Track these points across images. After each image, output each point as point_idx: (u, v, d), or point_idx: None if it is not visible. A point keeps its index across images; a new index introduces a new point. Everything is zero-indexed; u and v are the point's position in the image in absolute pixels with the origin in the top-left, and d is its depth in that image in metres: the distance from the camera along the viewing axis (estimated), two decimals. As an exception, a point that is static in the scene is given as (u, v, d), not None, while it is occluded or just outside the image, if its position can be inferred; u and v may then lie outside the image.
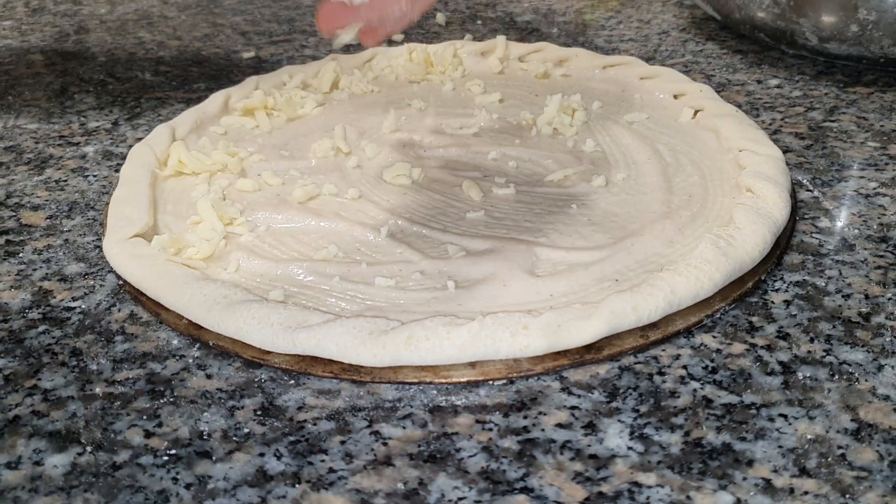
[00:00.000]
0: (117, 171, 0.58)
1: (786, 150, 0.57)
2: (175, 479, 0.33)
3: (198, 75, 0.75)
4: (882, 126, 0.60)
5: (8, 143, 0.63)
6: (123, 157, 0.59)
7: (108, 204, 0.53)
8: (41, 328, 0.43)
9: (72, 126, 0.66)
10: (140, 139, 0.61)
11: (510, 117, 0.62)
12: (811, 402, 0.36)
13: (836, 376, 0.38)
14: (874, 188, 0.52)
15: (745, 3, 0.70)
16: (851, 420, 0.35)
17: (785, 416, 0.35)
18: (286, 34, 0.85)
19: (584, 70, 0.70)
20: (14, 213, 0.54)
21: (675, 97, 0.64)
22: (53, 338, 0.42)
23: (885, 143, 0.58)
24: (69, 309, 0.44)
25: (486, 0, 0.95)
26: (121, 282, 0.46)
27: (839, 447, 0.34)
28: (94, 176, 0.58)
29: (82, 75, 0.76)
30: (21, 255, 0.49)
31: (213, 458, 0.34)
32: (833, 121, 0.62)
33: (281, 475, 0.33)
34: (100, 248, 0.49)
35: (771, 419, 0.35)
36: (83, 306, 0.45)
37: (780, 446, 0.34)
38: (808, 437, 0.34)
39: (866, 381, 0.37)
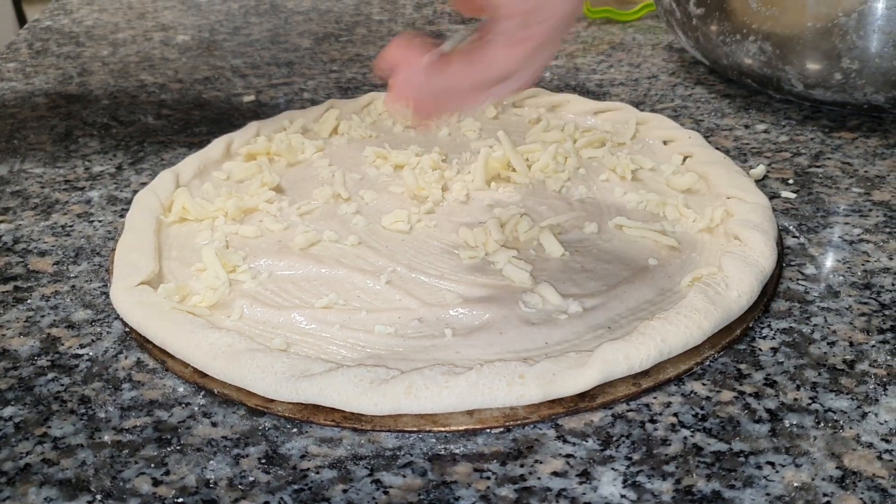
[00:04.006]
0: (122, 216, 0.59)
1: (773, 196, 0.59)
2: (183, 528, 0.35)
3: (199, 119, 0.77)
4: (866, 172, 0.62)
5: (14, 188, 0.65)
6: (128, 202, 0.61)
7: (113, 250, 0.54)
8: (50, 375, 0.44)
9: (77, 170, 0.67)
10: (144, 184, 0.63)
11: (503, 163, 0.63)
12: (797, 449, 0.37)
13: (822, 424, 0.39)
14: (858, 234, 0.54)
15: (733, 50, 0.73)
16: (836, 468, 0.36)
17: (772, 464, 0.37)
18: (286, 77, 0.87)
19: (577, 116, 0.72)
20: (21, 259, 0.55)
21: (665, 143, 0.66)
22: (62, 385, 0.43)
23: (868, 189, 0.60)
24: (77, 356, 0.46)
25: (481, 43, 0.97)
26: (127, 329, 0.47)
27: (824, 495, 0.35)
28: (100, 221, 0.59)
29: (86, 118, 0.78)
30: (29, 301, 0.51)
31: (220, 506, 0.36)
32: (819, 166, 0.64)
33: (285, 524, 0.35)
34: (106, 294, 0.51)
35: (759, 467, 0.36)
36: (91, 353, 0.46)
37: (767, 494, 0.35)
38: (795, 484, 0.36)
39: (851, 428, 0.39)
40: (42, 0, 2.41)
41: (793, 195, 0.59)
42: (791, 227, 0.55)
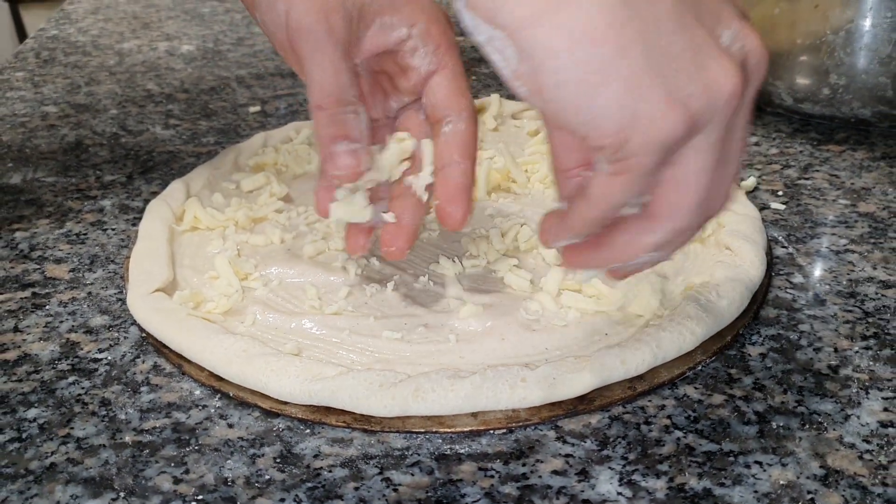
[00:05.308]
0: (134, 224, 0.61)
1: (763, 208, 0.61)
2: (204, 523, 0.37)
3: (206, 129, 0.79)
4: (853, 184, 0.65)
5: (28, 196, 0.67)
6: (139, 211, 0.63)
7: (128, 258, 0.56)
8: (71, 379, 0.46)
9: (88, 179, 0.69)
10: (154, 193, 0.65)
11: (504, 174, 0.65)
12: (784, 449, 0.40)
13: (807, 425, 0.41)
14: (844, 245, 0.56)
15: (725, 65, 0.75)
16: (820, 467, 0.38)
17: (760, 463, 0.39)
18: (290, 88, 0.90)
19: (574, 127, 0.74)
20: (38, 266, 0.57)
21: (660, 155, 0.68)
22: (83, 388, 0.45)
23: (854, 201, 0.62)
24: (96, 360, 0.47)
25: (479, 56, 1.00)
26: (144, 334, 0.49)
27: (809, 492, 0.37)
28: (113, 229, 0.61)
29: (95, 128, 0.80)
30: (47, 307, 0.52)
31: (238, 503, 0.38)
32: (807, 178, 0.66)
33: (301, 519, 0.37)
34: (122, 300, 0.53)
35: (747, 466, 0.39)
36: (109, 358, 0.48)
37: (755, 491, 0.37)
38: (781, 482, 0.38)
39: (834, 430, 0.41)
40: (40, 6, 2.42)
41: (782, 206, 0.62)
42: (780, 238, 0.58)
